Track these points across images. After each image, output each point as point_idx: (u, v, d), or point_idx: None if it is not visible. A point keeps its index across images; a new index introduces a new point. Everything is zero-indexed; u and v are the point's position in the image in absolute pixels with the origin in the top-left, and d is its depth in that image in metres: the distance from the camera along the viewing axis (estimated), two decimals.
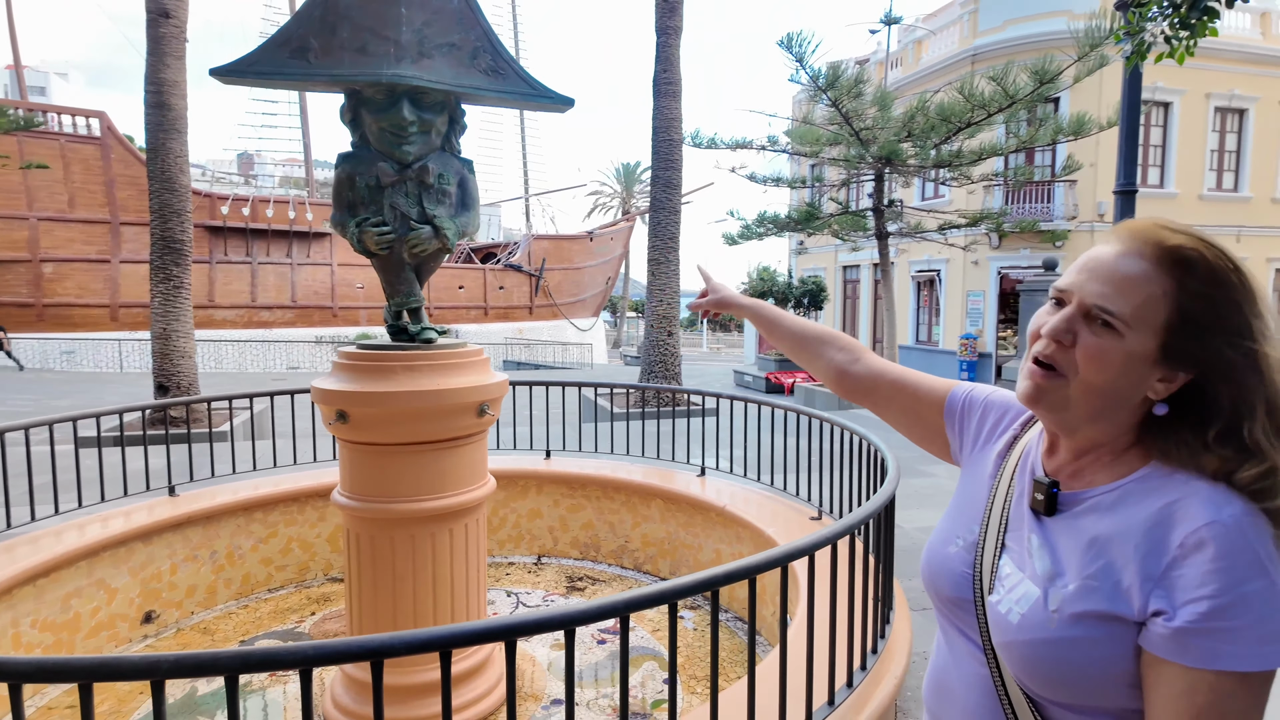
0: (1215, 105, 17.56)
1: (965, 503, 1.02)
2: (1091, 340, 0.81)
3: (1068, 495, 0.87)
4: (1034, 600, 0.83)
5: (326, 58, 2.97)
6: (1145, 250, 0.80)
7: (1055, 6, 16.44)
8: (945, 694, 0.97)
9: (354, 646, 1.35)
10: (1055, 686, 0.82)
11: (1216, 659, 0.71)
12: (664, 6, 10.46)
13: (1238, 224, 17.93)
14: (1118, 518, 0.81)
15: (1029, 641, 0.82)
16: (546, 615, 1.56)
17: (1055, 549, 0.85)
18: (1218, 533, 0.73)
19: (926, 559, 1.02)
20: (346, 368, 3.12)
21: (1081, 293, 0.82)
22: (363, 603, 3.18)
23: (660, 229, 10.53)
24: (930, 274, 19.45)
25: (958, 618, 0.96)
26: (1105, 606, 0.78)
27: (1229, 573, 0.71)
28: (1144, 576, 0.76)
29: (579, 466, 5.37)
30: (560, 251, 34.57)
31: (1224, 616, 0.71)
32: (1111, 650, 0.78)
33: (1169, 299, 0.79)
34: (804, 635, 2.02)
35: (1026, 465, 0.95)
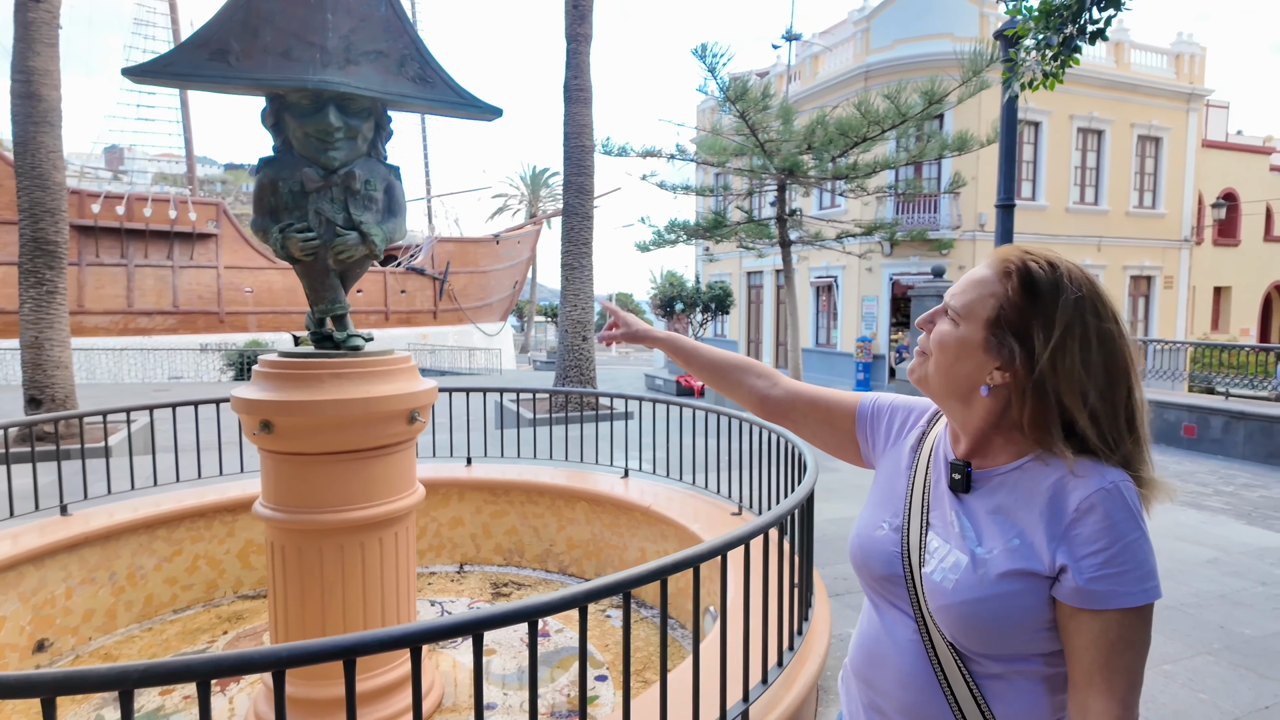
0: (1078, 126, 19.24)
1: (885, 493, 1.16)
2: (937, 328, 1.03)
3: (979, 474, 1.02)
4: (964, 566, 0.98)
5: (248, 61, 2.90)
6: (992, 265, 1.01)
7: (940, 29, 17.60)
8: (877, 660, 1.09)
9: (328, 647, 1.38)
10: (986, 639, 0.96)
11: (1117, 599, 0.88)
12: (574, 13, 10.56)
13: (1098, 234, 19.69)
14: (1023, 490, 0.97)
15: (964, 602, 0.96)
16: (456, 621, 1.56)
17: (975, 521, 1.00)
18: (1103, 497, 0.90)
19: (857, 544, 1.15)
20: (270, 376, 3.05)
21: (947, 295, 1.05)
22: (289, 617, 3.11)
23: (573, 234, 10.60)
24: (828, 280, 20.35)
25: (889, 592, 1.09)
26: (1023, 565, 0.93)
27: (1115, 528, 0.89)
28: (1049, 536, 0.92)
29: (501, 472, 5.37)
30: (465, 254, 33.94)
31: (1115, 564, 0.88)
32: (1031, 601, 0.93)
33: (995, 300, 0.98)
34: (740, 622, 2.16)
35: (939, 454, 1.10)
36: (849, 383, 18.38)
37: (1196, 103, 20.68)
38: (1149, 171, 20.56)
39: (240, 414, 3.05)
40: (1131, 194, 20.30)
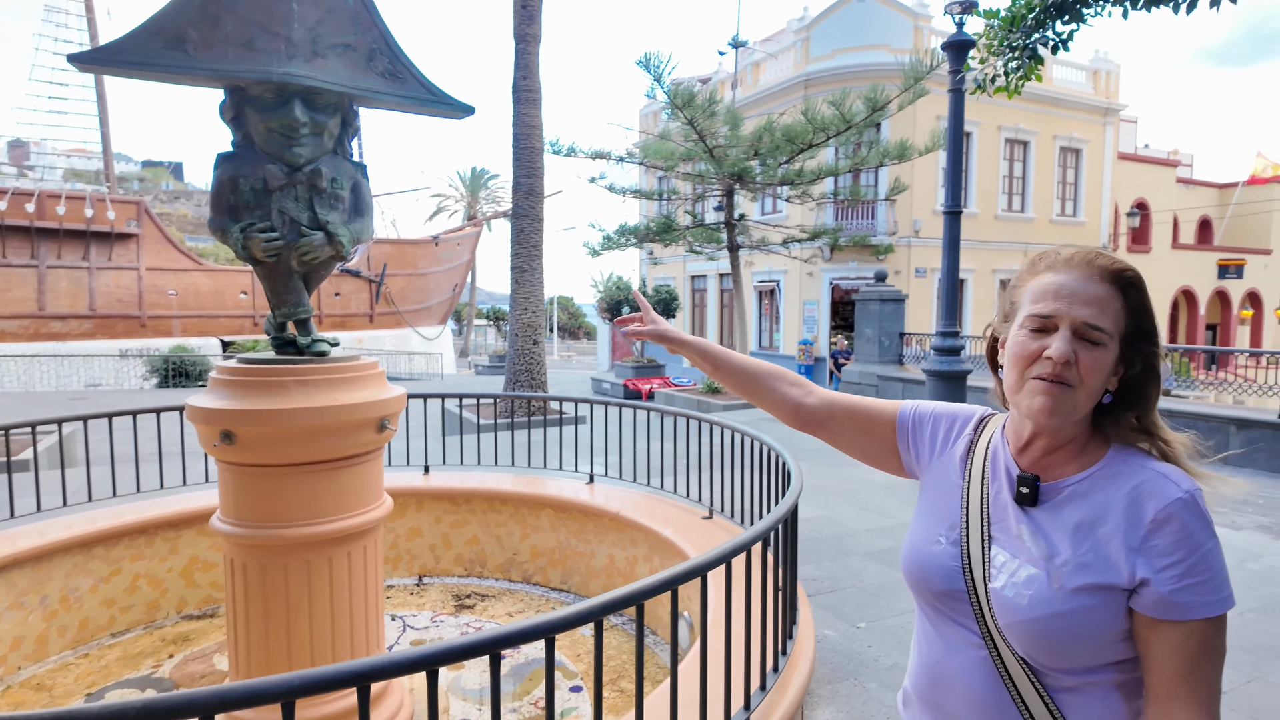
0: (1005, 137, 20.08)
1: (937, 505, 1.13)
2: (1089, 355, 0.96)
3: (1047, 487, 1.01)
4: (1038, 581, 0.96)
5: (207, 51, 2.74)
6: (1103, 275, 0.98)
7: (877, 40, 18.11)
8: (944, 682, 1.05)
9: (341, 674, 1.30)
10: (1061, 654, 0.94)
11: (1198, 610, 0.89)
12: (523, 14, 10.43)
13: (1025, 240, 20.57)
14: (1095, 501, 0.96)
15: (1039, 618, 0.94)
16: (474, 641, 1.45)
17: (1046, 534, 0.98)
18: (1179, 507, 0.91)
19: (913, 558, 1.11)
20: (230, 384, 2.88)
21: (1071, 316, 0.96)
22: (250, 637, 2.95)
23: (523, 236, 10.46)
24: (770, 284, 20.67)
25: (950, 608, 1.05)
26: (1100, 579, 0.92)
27: (1192, 538, 0.89)
28: (1127, 549, 0.92)
29: (461, 481, 5.23)
30: (403, 256, 33.16)
31: (1195, 574, 0.89)
32: (1107, 614, 0.92)
33: (1125, 313, 0.97)
34: (721, 640, 2.12)
35: (998, 464, 1.07)
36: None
37: (1112, 117, 21.86)
38: (1070, 181, 21.61)
39: (197, 424, 2.87)
40: (1055, 202, 21.30)
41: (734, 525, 4.11)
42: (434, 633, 4.27)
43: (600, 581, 4.63)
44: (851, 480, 6.67)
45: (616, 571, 4.51)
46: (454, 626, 4.34)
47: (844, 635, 3.54)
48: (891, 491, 6.32)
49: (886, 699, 2.95)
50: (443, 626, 4.34)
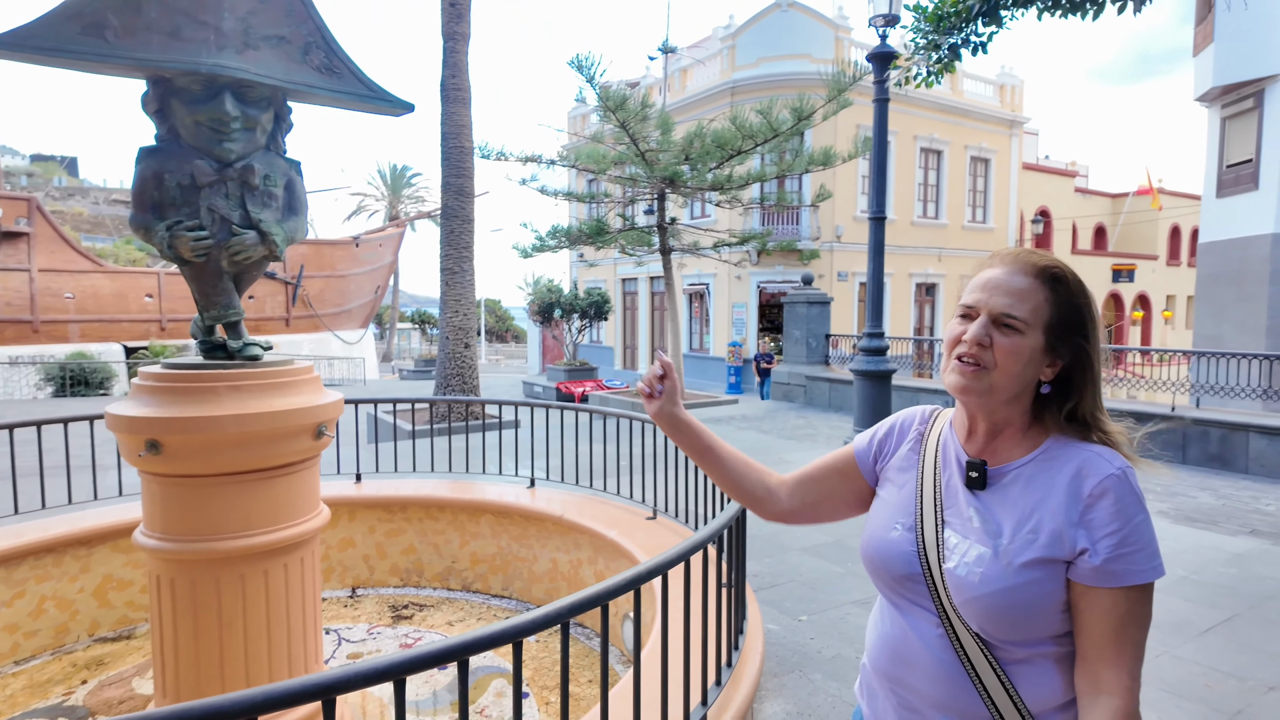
0: (920, 146, 20.96)
1: (893, 497, 1.19)
2: (1005, 340, 1.04)
3: (994, 471, 1.08)
4: (988, 559, 1.03)
5: (129, 38, 2.60)
6: (1028, 270, 1.06)
7: (800, 50, 18.62)
8: (905, 659, 1.11)
9: (310, 685, 1.25)
10: (1012, 626, 1.01)
11: (1130, 577, 0.96)
12: (451, 11, 10.25)
13: (939, 246, 21.53)
14: (1038, 482, 1.04)
15: (992, 593, 1.01)
16: (443, 648, 1.42)
17: (994, 514, 1.06)
18: (1113, 483, 0.99)
19: (872, 547, 1.17)
20: (155, 390, 2.73)
21: (989, 305, 1.05)
22: (179, 657, 2.80)
23: (453, 237, 10.26)
24: (700, 287, 20.95)
25: (908, 590, 1.11)
26: (1044, 553, 1.00)
27: (1124, 511, 0.98)
28: (1068, 522, 0.99)
29: (395, 489, 5.10)
30: (321, 258, 31.98)
31: (1127, 544, 0.97)
32: (1051, 586, 1.00)
33: (1049, 304, 1.05)
34: (680, 636, 2.14)
35: (949, 453, 1.15)
36: (721, 385, 18.98)
37: (1017, 129, 23.11)
38: (980, 189, 22.72)
39: (120, 434, 2.71)
40: (966, 209, 22.36)
41: (679, 525, 4.15)
42: (371, 645, 4.15)
43: (543, 586, 4.59)
44: None
45: (560, 575, 4.49)
46: (392, 638, 4.23)
47: (787, 629, 3.62)
48: None
49: (831, 689, 3.04)
50: (380, 639, 4.22)
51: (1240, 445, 7.24)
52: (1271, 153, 11.45)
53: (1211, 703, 2.94)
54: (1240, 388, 8.42)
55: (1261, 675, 3.17)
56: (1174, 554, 4.81)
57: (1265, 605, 3.96)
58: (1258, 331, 11.67)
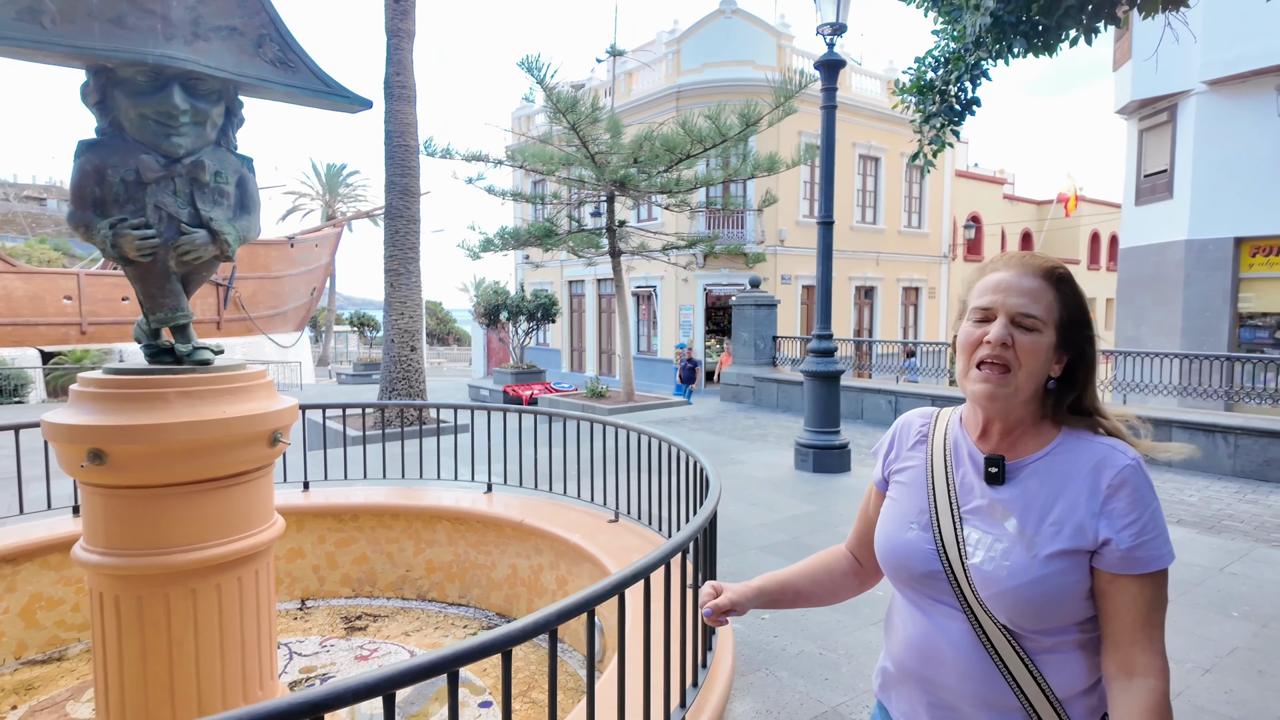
0: (859, 153, 21.50)
1: (903, 499, 1.21)
2: (1026, 339, 1.07)
3: (1012, 465, 1.11)
4: (1015, 552, 1.05)
5: (68, 25, 2.46)
6: (1035, 271, 1.10)
7: (744, 56, 18.88)
8: (933, 656, 1.12)
9: (297, 704, 1.20)
10: (1040, 616, 1.04)
11: (1153, 563, 1.01)
12: (395, 9, 10.04)
13: (877, 250, 22.12)
14: (1056, 476, 1.07)
15: (1021, 585, 1.03)
16: (431, 660, 1.37)
17: (1016, 509, 1.08)
18: (1130, 474, 1.03)
19: (889, 548, 1.18)
20: (99, 398, 2.59)
21: (1007, 306, 1.08)
22: (124, 679, 2.66)
23: (398, 238, 10.04)
24: (648, 289, 21.01)
25: (930, 588, 1.13)
26: (1069, 544, 1.03)
27: (1141, 500, 1.02)
28: (1089, 513, 1.03)
29: (346, 496, 4.96)
30: (254, 258, 30.75)
31: (1147, 531, 1.01)
32: (1076, 575, 1.04)
33: (1058, 303, 1.09)
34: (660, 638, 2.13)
35: (960, 452, 1.17)
36: (668, 386, 19.06)
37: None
38: (915, 196, 23.44)
39: (58, 443, 2.56)
40: (902, 215, 23.03)
41: (642, 528, 4.14)
42: (325, 658, 4.02)
43: (502, 593, 4.53)
44: (737, 478, 6.90)
45: (520, 581, 4.43)
46: (346, 650, 4.10)
47: (750, 628, 3.65)
48: (776, 487, 6.60)
49: (798, 686, 3.08)
50: (334, 651, 4.09)
51: (1162, 439, 7.62)
52: (1184, 164, 12.15)
53: None
54: (1161, 385, 8.90)
55: (1197, 658, 3.35)
56: None
57: (1194, 591, 4.18)
58: (1173, 332, 12.36)
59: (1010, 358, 1.07)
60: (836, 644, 3.45)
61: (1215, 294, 11.65)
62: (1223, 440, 7.17)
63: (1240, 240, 11.43)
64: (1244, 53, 10.82)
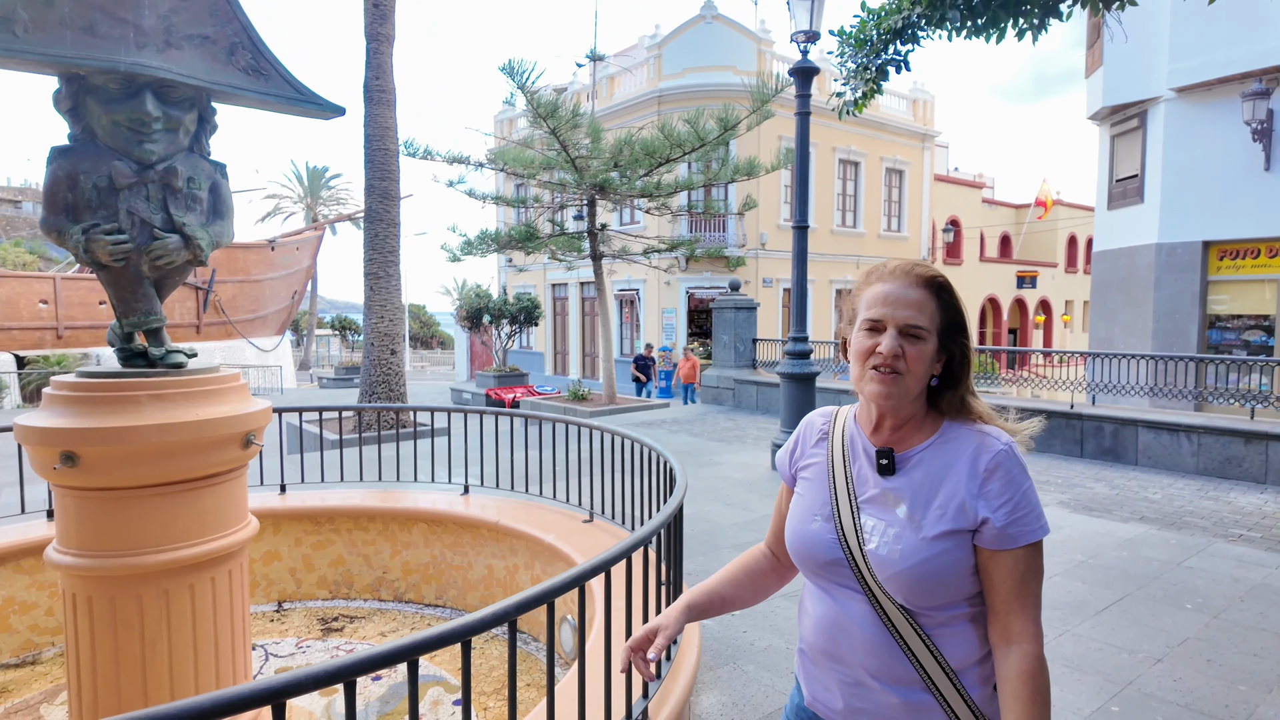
0: (839, 158, 21.72)
1: (808, 493, 1.30)
2: (913, 348, 1.17)
3: (900, 457, 1.21)
4: (904, 537, 1.15)
5: (41, 34, 2.50)
6: (918, 282, 1.20)
7: (725, 62, 19.03)
8: (840, 637, 1.21)
9: (258, 691, 1.25)
10: (931, 593, 1.13)
11: (1025, 537, 1.12)
12: (375, 12, 10.06)
13: (857, 254, 22.33)
14: (939, 464, 1.18)
15: (911, 566, 1.13)
16: (392, 649, 1.44)
17: (904, 496, 1.18)
18: (1002, 458, 1.14)
19: (797, 540, 1.28)
20: (71, 400, 2.62)
21: (895, 319, 1.17)
22: (98, 679, 2.69)
23: (378, 241, 10.05)
24: (630, 293, 21.09)
25: (834, 575, 1.22)
26: (952, 525, 1.13)
27: (1013, 481, 1.13)
28: (969, 495, 1.13)
29: (322, 499, 4.98)
30: (234, 262, 30.51)
31: (1019, 509, 1.12)
32: (961, 553, 1.14)
33: (939, 311, 1.19)
34: (622, 630, 2.20)
35: (856, 446, 1.27)
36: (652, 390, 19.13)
37: (929, 142, 24.23)
38: (895, 200, 23.70)
39: (31, 446, 2.59)
40: (882, 219, 23.28)
41: (615, 527, 4.20)
42: (300, 659, 4.04)
43: (478, 594, 4.57)
44: (715, 478, 6.99)
45: (496, 582, 4.48)
46: (323, 651, 4.13)
47: (719, 623, 3.73)
48: (751, 487, 6.69)
49: (764, 679, 3.15)
50: (310, 652, 4.12)
51: (1130, 439, 7.82)
52: (1154, 168, 12.41)
53: (1107, 674, 3.20)
54: (1131, 385, 9.09)
55: (1149, 648, 3.46)
56: (1072, 540, 5.17)
57: (1151, 585, 4.31)
58: (1144, 334, 12.61)
59: (900, 365, 1.16)
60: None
61: (1184, 296, 11.90)
62: (1186, 439, 7.35)
63: (1208, 244, 11.69)
64: (1209, 60, 11.08)
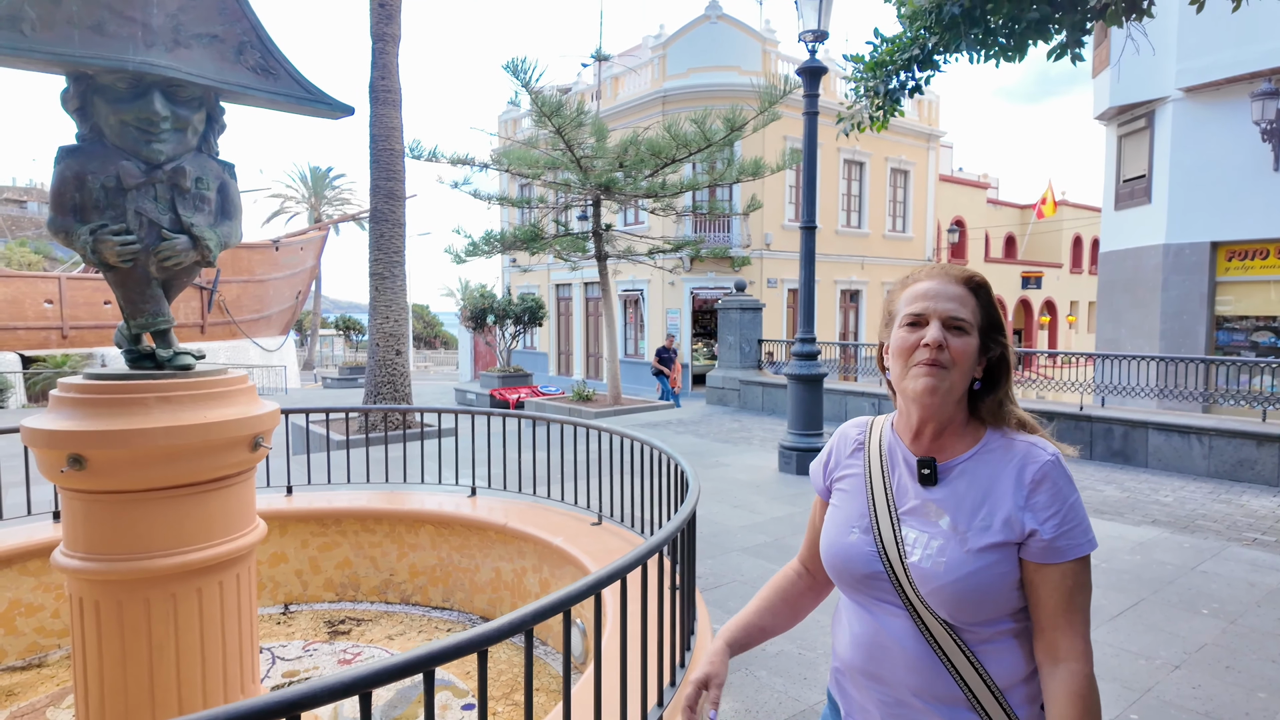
0: (844, 158, 21.66)
1: (845, 504, 1.26)
2: (958, 341, 1.14)
3: (943, 466, 1.17)
4: (950, 549, 1.11)
5: (48, 33, 2.48)
6: (956, 280, 1.18)
7: (730, 62, 18.99)
8: (880, 655, 1.17)
9: (274, 703, 1.22)
10: (976, 609, 1.09)
11: (1073, 551, 1.08)
12: (381, 13, 10.05)
13: (861, 254, 22.28)
14: (984, 474, 1.14)
15: (956, 580, 1.09)
16: (409, 659, 1.39)
17: (949, 507, 1.14)
18: (1048, 469, 1.10)
19: (833, 553, 1.23)
20: (79, 403, 2.60)
21: (938, 311, 1.15)
22: (105, 683, 2.67)
23: (383, 241, 10.03)
24: (635, 293, 21.06)
25: (873, 589, 1.18)
26: (999, 538, 1.09)
27: (1061, 493, 1.09)
28: (1015, 507, 1.10)
29: (329, 501, 4.96)
30: (238, 262, 30.53)
31: (1067, 522, 1.08)
32: (1007, 566, 1.10)
33: (980, 308, 1.17)
34: (638, 637, 2.17)
35: (895, 456, 1.23)
36: (654, 389, 19.10)
37: (934, 143, 24.16)
38: (900, 200, 23.63)
39: (38, 448, 2.57)
40: (887, 219, 23.21)
41: (624, 530, 4.17)
42: (308, 663, 4.02)
43: (485, 596, 4.54)
44: (722, 480, 6.95)
45: (504, 585, 4.45)
46: (330, 654, 4.11)
47: None
48: (759, 489, 6.65)
49: (777, 685, 3.12)
50: (317, 655, 4.09)
51: (1140, 441, 7.77)
52: (1161, 169, 12.35)
53: (1124, 681, 3.16)
54: (1140, 387, 9.04)
55: (1166, 654, 3.42)
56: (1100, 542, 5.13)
57: (1166, 590, 4.26)
58: (1151, 335, 12.54)
59: (945, 358, 1.13)
60: (815, 644, 3.50)
61: (1192, 297, 11.84)
62: (1197, 441, 7.29)
63: (1216, 244, 11.62)
64: (1217, 60, 11.02)
